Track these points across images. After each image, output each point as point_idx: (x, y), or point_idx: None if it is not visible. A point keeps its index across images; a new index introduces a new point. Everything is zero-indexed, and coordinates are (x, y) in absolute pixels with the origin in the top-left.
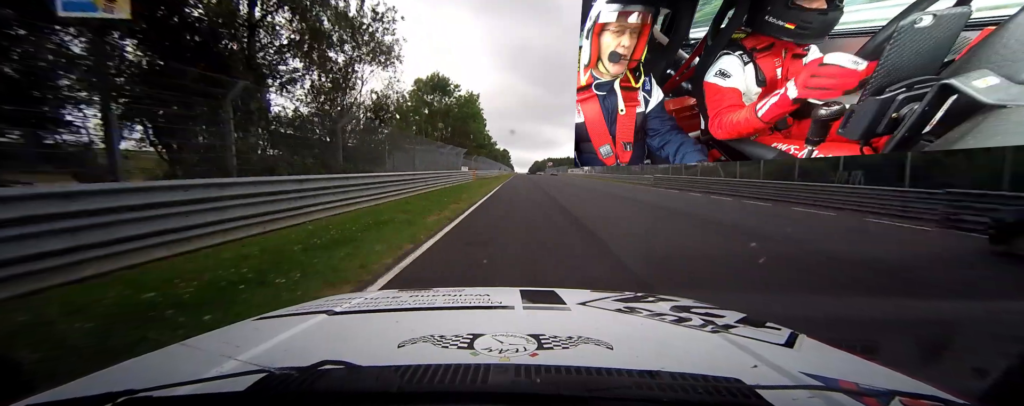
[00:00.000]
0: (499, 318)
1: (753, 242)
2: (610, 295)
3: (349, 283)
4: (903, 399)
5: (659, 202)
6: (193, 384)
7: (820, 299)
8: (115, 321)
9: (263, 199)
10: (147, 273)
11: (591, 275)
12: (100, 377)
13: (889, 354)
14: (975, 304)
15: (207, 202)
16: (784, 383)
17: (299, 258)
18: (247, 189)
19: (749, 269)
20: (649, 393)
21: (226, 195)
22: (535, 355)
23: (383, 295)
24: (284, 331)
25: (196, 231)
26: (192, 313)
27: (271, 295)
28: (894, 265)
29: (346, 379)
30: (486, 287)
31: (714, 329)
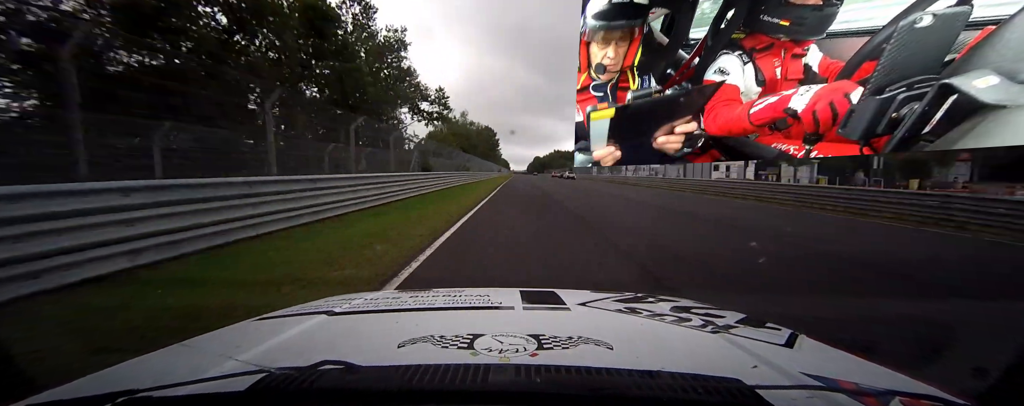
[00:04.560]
0: (499, 318)
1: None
2: (610, 295)
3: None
4: (903, 399)
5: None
6: (193, 384)
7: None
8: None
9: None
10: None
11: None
12: (100, 377)
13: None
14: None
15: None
16: (784, 383)
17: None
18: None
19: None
20: (649, 393)
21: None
22: (535, 355)
23: (383, 295)
24: (284, 331)
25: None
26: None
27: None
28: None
29: (346, 379)
30: (486, 287)
31: (714, 329)
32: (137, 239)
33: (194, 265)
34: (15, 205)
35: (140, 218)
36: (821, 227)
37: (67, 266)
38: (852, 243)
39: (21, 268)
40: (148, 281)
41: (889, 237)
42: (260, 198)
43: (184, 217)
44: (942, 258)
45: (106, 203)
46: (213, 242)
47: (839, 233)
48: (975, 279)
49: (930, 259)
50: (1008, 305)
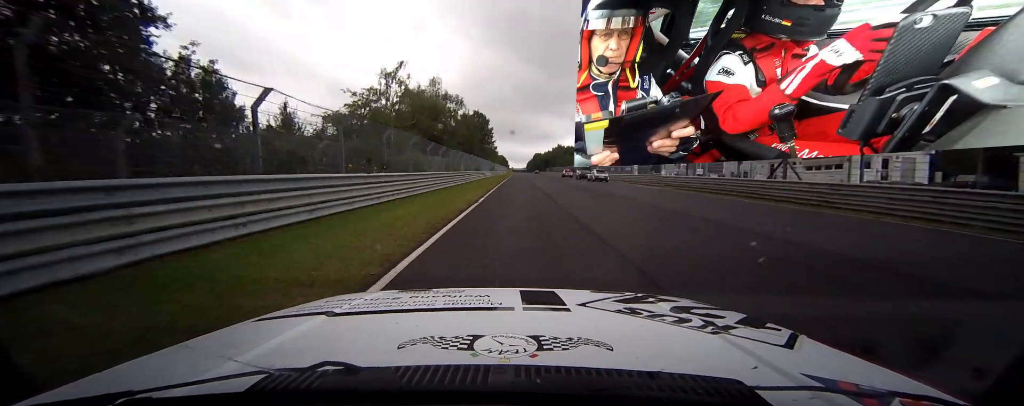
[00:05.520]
0: (499, 319)
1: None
2: (610, 296)
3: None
4: (903, 400)
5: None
6: (192, 385)
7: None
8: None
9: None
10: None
11: None
12: (99, 378)
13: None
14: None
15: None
16: (784, 384)
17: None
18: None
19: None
20: (649, 394)
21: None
22: (535, 356)
23: (383, 296)
24: (283, 332)
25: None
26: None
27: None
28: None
29: (346, 380)
30: (486, 288)
31: (714, 330)
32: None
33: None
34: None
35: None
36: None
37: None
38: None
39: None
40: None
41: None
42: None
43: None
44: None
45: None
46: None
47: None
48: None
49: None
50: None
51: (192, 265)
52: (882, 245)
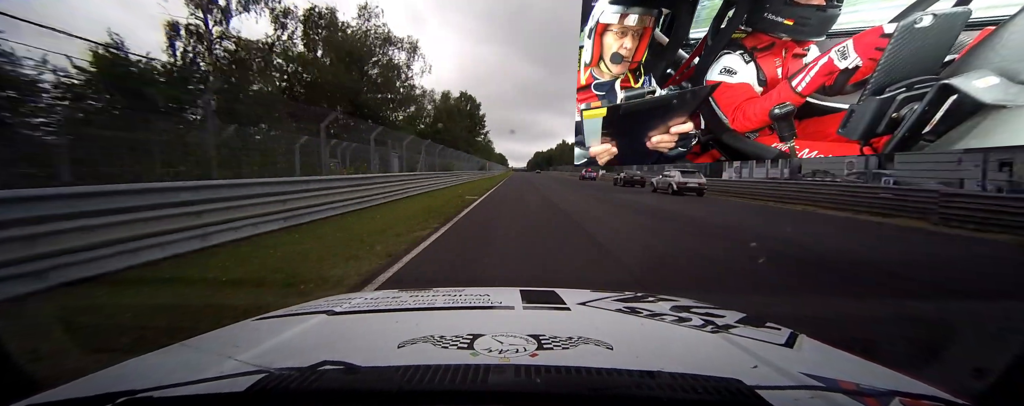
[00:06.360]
0: (499, 318)
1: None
2: (610, 295)
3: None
4: (903, 399)
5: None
6: (193, 384)
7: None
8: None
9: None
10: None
11: None
12: (100, 377)
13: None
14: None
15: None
16: (784, 383)
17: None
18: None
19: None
20: (649, 393)
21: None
22: (535, 355)
23: (383, 295)
24: (284, 331)
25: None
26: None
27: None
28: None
29: (346, 379)
30: (486, 287)
31: (714, 329)
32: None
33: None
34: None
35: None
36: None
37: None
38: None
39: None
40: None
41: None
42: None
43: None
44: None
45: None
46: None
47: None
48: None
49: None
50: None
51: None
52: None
